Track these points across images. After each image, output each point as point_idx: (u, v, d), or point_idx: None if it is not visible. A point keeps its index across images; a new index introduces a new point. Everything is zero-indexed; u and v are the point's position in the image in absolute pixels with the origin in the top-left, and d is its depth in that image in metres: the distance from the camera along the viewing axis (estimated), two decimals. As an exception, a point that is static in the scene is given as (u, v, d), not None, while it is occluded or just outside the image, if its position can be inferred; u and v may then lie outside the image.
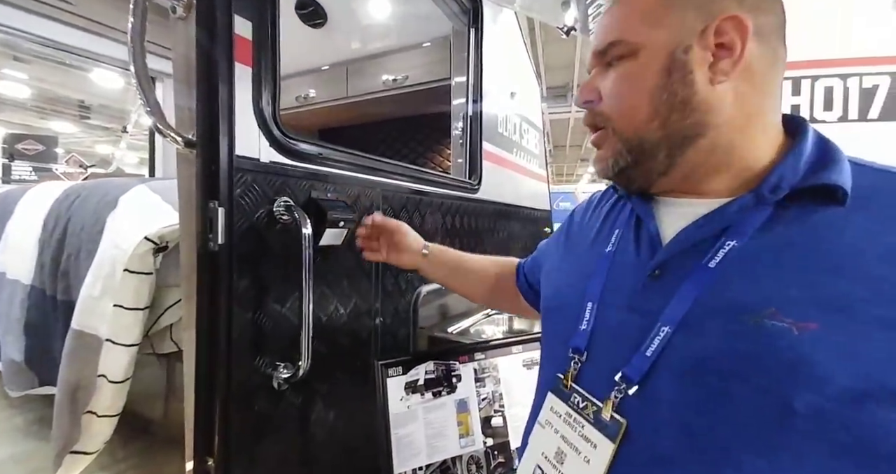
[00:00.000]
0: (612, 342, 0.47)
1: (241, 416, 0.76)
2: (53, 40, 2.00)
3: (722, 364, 0.37)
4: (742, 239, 0.41)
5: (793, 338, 0.34)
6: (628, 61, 0.45)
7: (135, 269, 0.87)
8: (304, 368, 0.79)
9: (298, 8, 1.96)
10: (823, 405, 0.33)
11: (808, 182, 0.40)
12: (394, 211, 1.15)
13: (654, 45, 0.43)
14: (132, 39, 0.66)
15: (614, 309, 0.48)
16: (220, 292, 0.71)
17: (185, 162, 0.72)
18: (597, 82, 0.48)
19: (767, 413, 0.35)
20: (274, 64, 0.79)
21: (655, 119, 0.44)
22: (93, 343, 0.92)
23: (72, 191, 1.18)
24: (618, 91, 0.46)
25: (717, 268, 0.40)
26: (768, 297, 0.37)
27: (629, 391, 0.43)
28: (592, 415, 0.46)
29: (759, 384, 0.35)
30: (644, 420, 0.42)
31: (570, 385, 0.50)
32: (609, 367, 0.45)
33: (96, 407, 0.91)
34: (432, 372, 0.92)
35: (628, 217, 0.54)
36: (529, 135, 2.37)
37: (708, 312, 0.39)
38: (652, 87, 0.44)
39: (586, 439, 0.46)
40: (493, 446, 0.91)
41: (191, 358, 0.71)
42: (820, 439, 0.34)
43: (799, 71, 1.73)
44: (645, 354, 0.42)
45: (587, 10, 1.95)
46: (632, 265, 0.49)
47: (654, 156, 0.45)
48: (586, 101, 0.49)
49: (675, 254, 0.44)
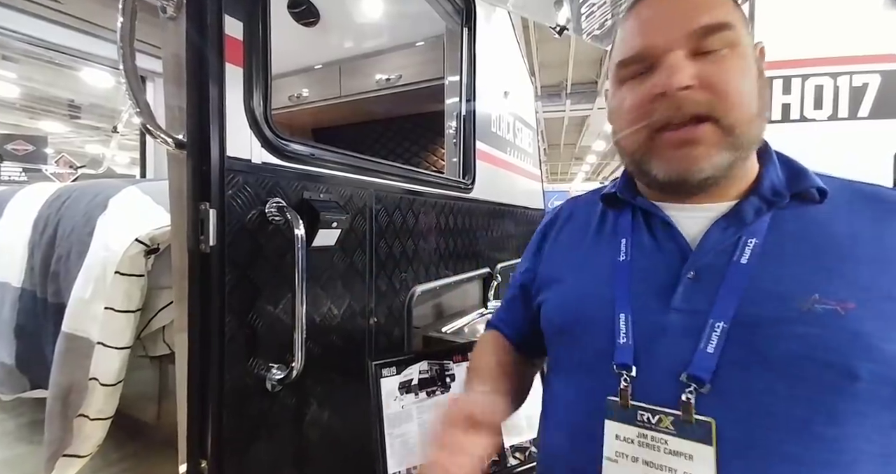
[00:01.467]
0: (664, 347, 0.46)
1: (235, 418, 0.75)
2: (42, 39, 1.97)
3: (787, 348, 0.40)
4: (759, 237, 0.45)
5: (841, 317, 0.40)
6: (736, 53, 0.44)
7: (126, 271, 0.87)
8: (297, 369, 0.79)
9: (291, 7, 1.95)
10: (880, 370, 0.38)
11: (799, 187, 0.46)
12: (387, 211, 1.15)
13: (749, 46, 0.45)
14: (121, 39, 0.65)
15: (654, 314, 0.47)
16: (212, 294, 0.71)
17: (176, 163, 0.71)
18: (697, 68, 0.44)
19: (837, 384, 0.39)
20: (265, 64, 0.79)
21: (759, 113, 0.45)
22: (84, 346, 0.91)
23: (62, 192, 1.17)
24: (739, 81, 0.44)
25: (749, 264, 0.44)
26: (808, 285, 0.42)
27: (701, 390, 0.42)
28: (673, 427, 0.43)
29: (825, 360, 0.39)
30: (728, 415, 0.42)
31: (629, 404, 0.46)
32: (669, 373, 0.44)
33: (88, 410, 0.90)
34: (426, 371, 0.92)
35: (632, 225, 0.54)
36: (523, 134, 2.38)
37: (758, 304, 0.42)
38: (757, 85, 0.45)
39: (677, 454, 0.43)
40: (487, 445, 0.92)
41: (183, 360, 0.71)
42: (879, 401, 0.39)
43: (789, 69, 1.74)
44: (707, 351, 0.43)
45: (580, 10, 1.95)
46: (660, 269, 0.49)
47: (744, 153, 0.46)
48: (686, 87, 0.43)
49: (711, 255, 0.46)
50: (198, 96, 0.69)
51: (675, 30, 0.45)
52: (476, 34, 1.64)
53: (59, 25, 1.98)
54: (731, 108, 0.44)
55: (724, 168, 0.45)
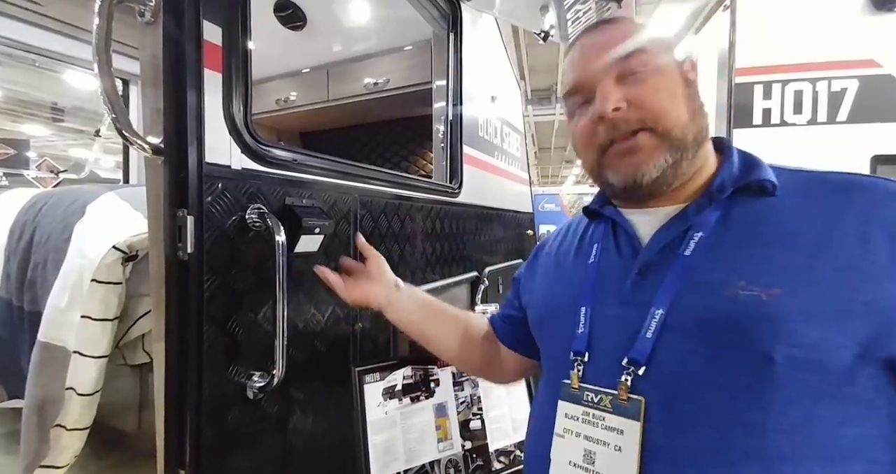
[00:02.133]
0: (612, 335, 0.51)
1: (214, 427, 0.74)
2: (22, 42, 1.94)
3: (711, 333, 0.44)
4: (706, 230, 0.49)
5: (763, 302, 0.42)
6: (657, 71, 0.51)
7: (102, 279, 0.85)
8: (278, 376, 0.78)
9: (277, 10, 1.95)
10: (799, 355, 0.40)
11: (746, 179, 0.50)
12: (372, 216, 1.14)
13: (668, 63, 0.52)
14: (97, 46, 0.64)
15: (608, 307, 0.53)
16: (191, 302, 0.70)
17: (153, 169, 0.70)
18: (622, 91, 0.50)
19: (756, 367, 0.41)
20: (245, 69, 0.79)
21: (691, 118, 0.51)
22: (60, 355, 0.90)
23: (39, 198, 1.15)
24: (663, 94, 0.50)
25: (692, 256, 0.48)
26: (737, 273, 0.44)
27: (638, 372, 0.47)
28: (610, 405, 0.48)
29: (745, 344, 0.42)
30: (657, 396, 0.46)
31: (578, 385, 0.52)
32: (614, 358, 0.49)
33: (65, 420, 0.88)
34: (410, 377, 0.92)
35: (604, 232, 0.60)
36: (511, 138, 2.39)
37: (691, 292, 0.46)
38: (682, 94, 0.51)
39: (611, 429, 0.48)
40: (471, 449, 0.92)
41: (161, 369, 0.70)
42: (803, 388, 0.40)
43: (770, 75, 1.78)
44: (646, 336, 0.47)
45: (565, 16, 1.97)
46: (617, 268, 0.55)
47: (687, 154, 0.51)
48: (616, 109, 0.50)
49: (655, 252, 0.52)
50: (175, 102, 0.69)
51: (599, 62, 0.52)
52: (462, 39, 1.65)
53: (39, 28, 1.94)
54: (660, 118, 0.50)
55: (668, 167, 0.50)
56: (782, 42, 1.77)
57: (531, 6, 1.89)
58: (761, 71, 1.82)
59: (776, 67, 1.81)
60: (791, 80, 1.80)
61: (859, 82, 1.68)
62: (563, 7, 1.91)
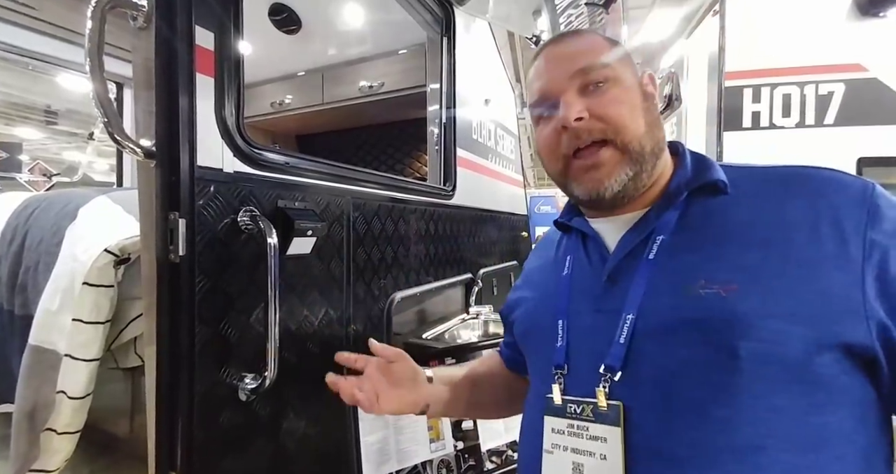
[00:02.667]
0: (588, 344, 0.52)
1: (206, 429, 0.75)
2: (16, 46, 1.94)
3: (679, 333, 0.45)
4: (667, 233, 0.50)
5: (722, 299, 0.43)
6: (617, 83, 0.53)
7: (94, 282, 0.85)
8: (270, 378, 0.78)
9: (272, 14, 1.95)
10: (759, 348, 0.41)
11: (699, 181, 0.52)
12: (365, 219, 1.15)
13: (628, 76, 0.54)
14: (89, 50, 0.65)
15: (582, 316, 0.54)
16: (182, 304, 0.70)
17: (146, 172, 0.71)
18: (584, 103, 0.52)
19: (723, 364, 0.42)
20: (238, 74, 0.79)
21: (648, 130, 0.53)
22: (51, 359, 0.89)
23: (30, 202, 1.15)
24: (622, 106, 0.52)
25: (656, 259, 0.49)
26: (697, 272, 0.46)
27: (615, 378, 0.47)
28: (592, 414, 0.48)
29: (710, 341, 0.43)
30: (635, 399, 0.46)
31: (560, 399, 0.52)
32: (591, 366, 0.50)
33: (55, 424, 0.88)
34: (402, 378, 0.92)
35: (575, 243, 0.62)
36: (505, 141, 2.41)
37: (657, 294, 0.47)
38: (641, 107, 0.53)
39: (595, 438, 0.48)
40: (463, 449, 0.92)
41: (152, 371, 0.70)
42: (767, 380, 0.41)
43: (758, 79, 1.80)
44: (619, 342, 0.48)
45: (558, 21, 2.00)
46: (589, 277, 0.56)
47: (646, 165, 0.52)
48: (578, 118, 0.51)
49: (621, 258, 0.53)
50: (167, 106, 0.69)
51: (563, 73, 0.54)
52: (456, 43, 1.67)
53: (33, 31, 1.94)
54: (620, 130, 0.51)
55: (630, 181, 0.52)
56: (771, 46, 1.79)
57: (524, 11, 1.91)
58: (750, 75, 1.85)
59: (765, 71, 1.83)
60: (780, 83, 1.82)
61: (846, 86, 1.71)
62: (556, 12, 1.94)
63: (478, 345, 1.03)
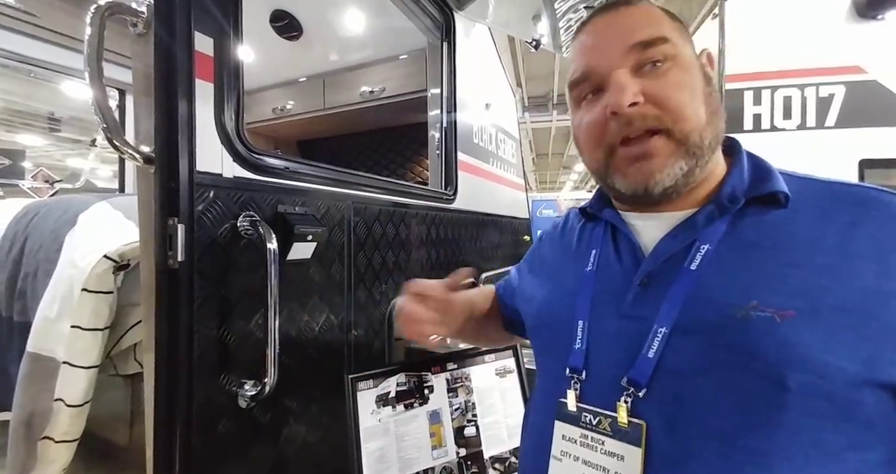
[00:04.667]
0: (611, 351, 0.47)
1: (205, 437, 0.74)
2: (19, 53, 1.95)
3: (720, 355, 0.40)
4: (714, 243, 0.45)
5: (777, 325, 0.38)
6: (674, 66, 0.46)
7: (93, 289, 0.85)
8: (270, 385, 0.77)
9: (273, 21, 1.97)
10: (813, 382, 0.37)
11: (759, 191, 0.45)
12: (366, 223, 1.15)
13: (689, 56, 0.47)
14: (89, 57, 0.65)
15: (606, 320, 0.49)
16: (181, 311, 0.70)
17: (145, 178, 0.71)
18: (640, 85, 0.45)
19: (766, 394, 0.38)
20: (237, 79, 0.79)
21: (710, 119, 0.46)
22: (49, 366, 0.89)
23: (30, 208, 1.15)
24: (683, 92, 0.45)
25: (698, 270, 0.44)
26: (749, 291, 0.41)
27: (639, 394, 0.43)
28: (609, 428, 0.45)
29: (755, 369, 0.38)
30: (659, 420, 0.42)
31: (576, 406, 0.48)
32: (613, 376, 0.46)
33: (53, 432, 0.87)
34: (404, 384, 0.91)
35: (602, 236, 0.56)
36: (506, 145, 2.41)
37: (698, 310, 0.42)
38: (702, 93, 0.46)
39: (610, 454, 0.44)
40: (466, 456, 0.91)
41: (151, 378, 0.70)
42: (812, 414, 0.37)
43: (759, 81, 1.80)
44: (647, 356, 0.43)
45: (557, 25, 2.00)
46: (618, 278, 0.51)
47: (702, 160, 0.46)
48: (633, 104, 0.45)
49: (659, 263, 0.47)
50: (167, 112, 0.69)
51: (615, 49, 0.47)
52: (456, 48, 1.67)
53: (35, 39, 1.96)
54: (679, 119, 0.45)
55: (682, 176, 0.46)
56: (770, 49, 1.80)
57: (523, 15, 1.91)
58: (751, 77, 1.85)
59: (765, 74, 1.84)
60: (780, 86, 1.82)
61: (846, 88, 1.71)
62: (555, 16, 1.94)
63: (480, 350, 1.02)
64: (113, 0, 0.65)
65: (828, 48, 1.73)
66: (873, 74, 1.66)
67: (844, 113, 1.73)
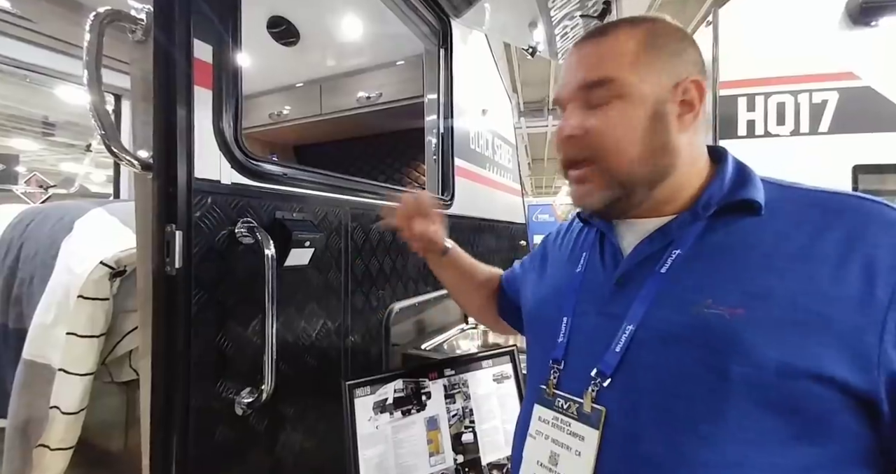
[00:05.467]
0: (587, 346, 0.53)
1: (201, 444, 0.73)
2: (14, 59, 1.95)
3: (675, 348, 0.45)
4: (685, 247, 0.49)
5: (726, 321, 0.42)
6: (620, 103, 0.49)
7: (89, 295, 0.84)
8: (267, 392, 0.77)
9: (270, 27, 1.97)
10: (752, 373, 0.40)
11: (731, 198, 0.49)
12: (363, 229, 1.15)
13: (642, 93, 0.49)
14: (87, 63, 0.65)
15: (587, 317, 0.55)
16: (178, 317, 0.70)
17: (143, 184, 0.71)
18: (580, 119, 0.50)
19: (712, 383, 0.42)
20: (236, 86, 0.80)
21: (644, 158, 0.49)
22: (45, 373, 0.88)
23: (26, 215, 1.14)
24: (613, 130, 0.49)
25: (668, 273, 0.49)
26: (705, 291, 0.45)
27: (604, 383, 0.49)
28: (576, 412, 0.51)
29: (703, 359, 0.43)
30: (620, 406, 0.47)
31: (552, 392, 0.54)
32: (585, 368, 0.51)
33: (48, 440, 0.86)
34: (401, 390, 0.91)
35: (593, 240, 0.62)
36: (502, 150, 2.42)
37: (661, 308, 0.47)
38: (642, 131, 0.49)
39: (574, 434, 0.50)
40: (463, 463, 0.91)
41: (147, 386, 0.69)
42: (756, 403, 0.40)
43: (753, 88, 1.82)
44: (615, 350, 0.49)
45: (553, 32, 2.02)
46: (600, 278, 0.56)
47: (636, 190, 0.51)
48: (571, 137, 0.51)
49: (634, 265, 0.52)
50: (165, 118, 0.69)
51: (569, 84, 0.52)
52: (453, 54, 1.68)
53: (32, 44, 1.95)
54: (604, 155, 0.49)
55: (615, 200, 0.51)
56: (763, 56, 1.82)
57: (520, 23, 1.93)
58: (744, 84, 1.87)
59: (759, 80, 1.86)
60: (773, 92, 1.84)
61: (839, 94, 1.73)
62: (551, 24, 1.96)
63: (477, 356, 1.02)
64: (113, 8, 0.66)
65: (821, 54, 1.75)
66: (867, 80, 1.68)
67: (838, 119, 1.75)
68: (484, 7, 1.72)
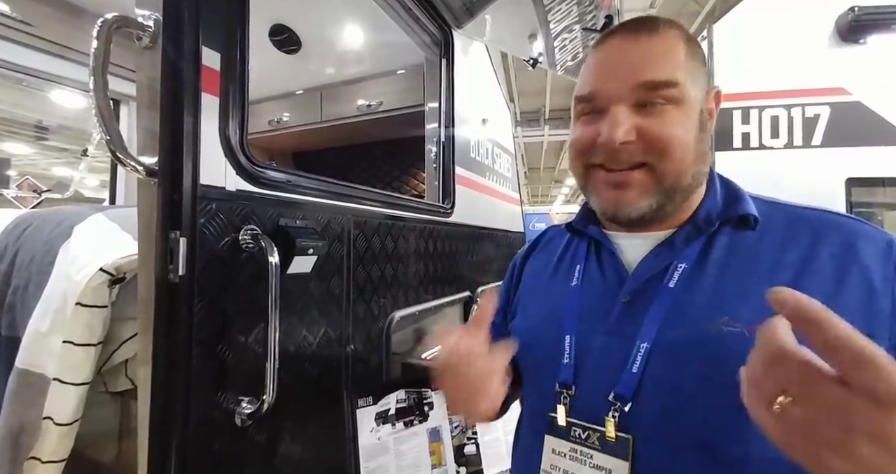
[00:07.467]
0: (598, 367, 0.49)
1: (199, 456, 0.72)
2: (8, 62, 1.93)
3: (698, 369, 0.43)
4: (690, 262, 0.48)
5: (747, 340, 0.40)
6: (676, 106, 0.46)
7: (88, 303, 0.83)
8: (268, 402, 0.76)
9: (272, 35, 1.98)
10: None
11: (732, 213, 0.49)
12: (366, 237, 1.14)
13: (695, 98, 0.47)
14: (94, 69, 0.65)
15: (593, 336, 0.51)
16: (180, 325, 0.68)
17: (146, 190, 0.70)
18: (634, 121, 0.46)
19: (740, 406, 0.39)
20: (242, 93, 0.80)
21: (694, 163, 0.48)
22: (38, 382, 0.86)
23: (22, 220, 1.12)
24: (673, 134, 0.46)
25: (676, 287, 0.47)
26: (721, 306, 0.44)
27: (625, 408, 0.46)
28: (598, 442, 0.47)
29: (729, 382, 0.39)
30: (644, 432, 0.44)
31: (566, 421, 0.50)
32: (600, 391, 0.48)
33: (40, 452, 0.83)
34: (404, 400, 0.90)
35: (586, 252, 0.58)
36: (502, 159, 2.44)
37: (676, 326, 0.45)
38: (694, 136, 0.47)
39: (599, 468, 0.46)
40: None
41: (146, 395, 0.68)
42: None
43: (747, 101, 1.86)
44: (632, 371, 0.46)
45: (553, 43, 2.05)
46: (602, 294, 0.53)
47: (675, 199, 0.49)
48: (626, 142, 0.46)
49: (642, 282, 0.50)
50: (172, 125, 0.69)
51: (623, 81, 0.46)
52: (454, 64, 1.70)
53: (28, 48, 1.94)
54: (664, 158, 0.46)
55: (652, 210, 0.48)
56: (758, 70, 1.86)
57: (520, 34, 1.96)
58: (739, 97, 1.90)
59: (753, 94, 1.89)
60: (767, 106, 1.88)
61: (831, 109, 1.77)
62: (551, 36, 1.99)
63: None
64: (120, 14, 0.65)
65: (813, 70, 1.79)
66: (857, 96, 1.72)
67: (830, 132, 1.78)
68: (485, 19, 1.75)
